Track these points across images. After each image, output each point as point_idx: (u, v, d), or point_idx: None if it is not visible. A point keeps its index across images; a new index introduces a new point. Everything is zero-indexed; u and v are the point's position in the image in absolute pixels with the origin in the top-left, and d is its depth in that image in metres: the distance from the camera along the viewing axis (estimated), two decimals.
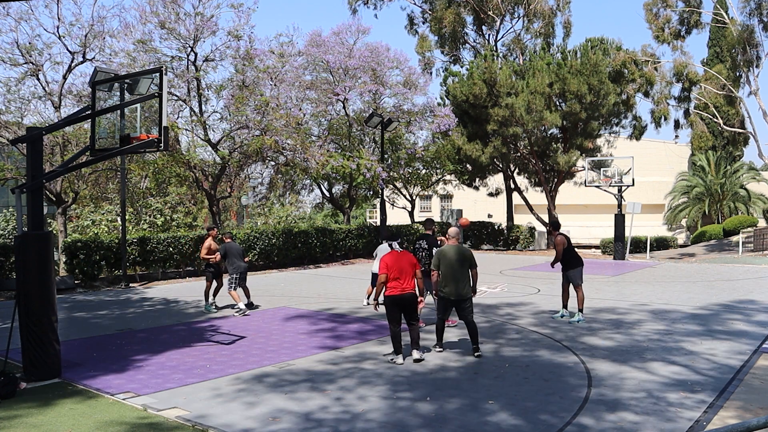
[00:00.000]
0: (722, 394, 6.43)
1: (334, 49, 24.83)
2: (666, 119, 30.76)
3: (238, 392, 6.66)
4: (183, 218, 27.99)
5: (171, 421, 5.75)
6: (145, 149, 8.13)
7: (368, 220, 46.59)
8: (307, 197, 36.36)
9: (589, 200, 39.68)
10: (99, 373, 7.44)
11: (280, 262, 21.37)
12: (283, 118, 20.06)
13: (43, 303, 7.22)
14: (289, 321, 10.99)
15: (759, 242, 28.73)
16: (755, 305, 12.30)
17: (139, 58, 18.82)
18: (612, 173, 25.90)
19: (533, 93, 26.68)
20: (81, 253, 16.38)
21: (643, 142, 34.85)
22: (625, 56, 28.50)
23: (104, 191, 24.86)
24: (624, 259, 24.37)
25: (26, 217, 7.49)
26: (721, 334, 9.46)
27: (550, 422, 5.65)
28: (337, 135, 25.86)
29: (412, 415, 5.89)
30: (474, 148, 28.14)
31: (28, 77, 17.40)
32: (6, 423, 5.68)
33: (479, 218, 37.88)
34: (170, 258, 18.14)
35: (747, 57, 27.72)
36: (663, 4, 30.41)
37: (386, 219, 24.82)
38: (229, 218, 36.47)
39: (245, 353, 8.46)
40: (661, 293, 14.15)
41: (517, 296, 13.79)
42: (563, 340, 9.13)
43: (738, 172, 39.52)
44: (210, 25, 19.38)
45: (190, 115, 20.75)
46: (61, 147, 17.78)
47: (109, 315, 11.97)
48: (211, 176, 22.02)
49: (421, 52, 33.66)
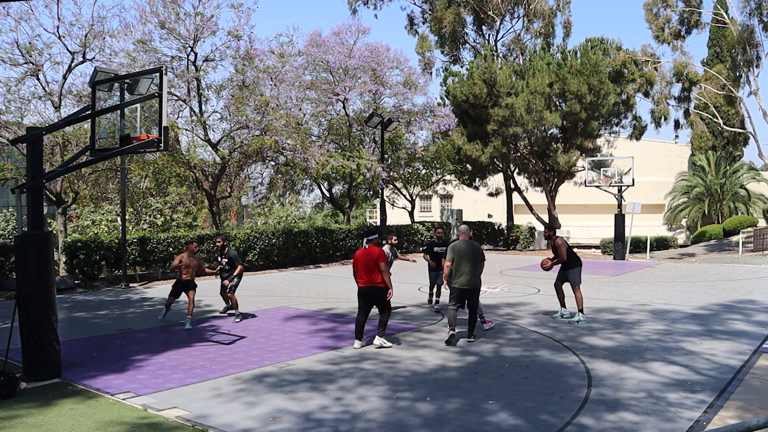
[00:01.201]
0: (722, 394, 6.43)
1: (334, 49, 24.83)
2: (666, 119, 30.76)
3: (238, 392, 6.66)
4: (183, 218, 28.00)
5: (171, 421, 5.75)
6: (145, 149, 8.12)
7: (368, 220, 46.59)
8: (307, 197, 36.38)
9: (589, 200, 39.68)
10: (99, 373, 7.44)
11: (280, 262, 21.37)
12: (283, 118, 20.06)
13: (43, 303, 7.22)
14: (289, 321, 10.99)
15: (759, 242, 28.73)
16: (755, 305, 12.30)
17: (139, 58, 18.82)
18: (612, 173, 25.91)
19: (533, 93, 26.68)
20: (81, 253, 16.38)
21: (643, 142, 34.85)
22: (625, 56, 28.50)
23: (104, 191, 24.86)
24: (624, 259, 24.37)
25: (26, 217, 7.49)
26: (721, 334, 9.46)
27: (550, 422, 5.65)
28: (337, 135, 25.86)
29: (412, 415, 5.89)
30: (474, 148, 28.14)
31: (28, 77, 17.40)
32: (6, 423, 5.68)
33: (479, 218, 37.90)
34: (170, 258, 18.13)
35: (747, 57, 27.73)
36: (663, 4, 30.41)
37: (386, 219, 24.83)
38: (229, 218, 36.48)
39: (245, 353, 8.46)
40: (661, 293, 14.15)
41: (517, 296, 13.79)
42: (563, 340, 9.13)
43: (738, 172, 39.52)
44: (210, 25, 19.38)
45: (190, 115, 20.76)
46: (61, 147, 17.77)
47: (109, 315, 11.97)
48: (211, 176, 22.02)
49: (421, 52, 33.66)
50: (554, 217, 30.63)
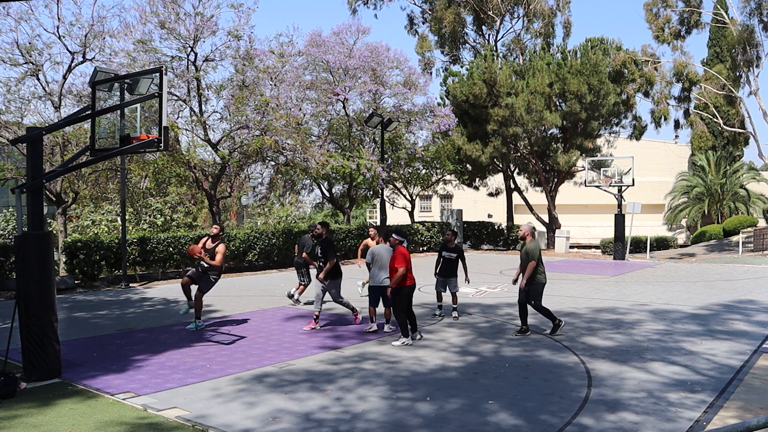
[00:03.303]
0: (722, 394, 6.43)
1: (334, 49, 24.83)
2: (666, 119, 30.75)
3: (238, 392, 6.66)
4: (183, 218, 28.00)
5: (171, 421, 5.75)
6: (145, 149, 8.12)
7: (368, 220, 46.58)
8: (307, 197, 36.39)
9: (589, 200, 39.68)
10: (99, 373, 7.44)
11: (280, 262, 21.36)
12: (283, 118, 20.05)
13: (43, 303, 7.22)
14: (289, 321, 10.99)
15: (759, 242, 28.73)
16: (755, 305, 12.30)
17: (139, 58, 18.82)
18: (612, 173, 25.90)
19: (533, 93, 26.68)
20: (81, 253, 16.38)
21: (643, 142, 34.85)
22: (625, 56, 28.50)
23: (104, 191, 24.85)
24: (624, 259, 24.37)
25: (26, 217, 7.49)
26: (721, 334, 9.46)
27: (550, 422, 5.65)
28: (337, 135, 25.86)
29: (412, 415, 5.89)
30: (474, 148, 28.13)
31: (28, 77, 17.40)
32: (6, 423, 5.68)
33: (479, 218, 37.89)
34: (170, 258, 18.14)
35: (747, 57, 27.73)
36: (663, 4, 30.42)
37: (386, 219, 24.82)
38: (229, 218, 36.48)
39: (245, 353, 8.46)
40: (661, 293, 14.15)
41: (517, 296, 13.76)
42: (563, 340, 9.13)
43: (738, 172, 39.51)
44: (210, 25, 19.38)
45: (190, 115, 20.75)
46: (61, 147, 17.77)
47: (109, 315, 11.97)
48: (211, 176, 22.02)
49: (421, 52, 33.65)
50: (554, 217, 30.63)
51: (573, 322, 10.60)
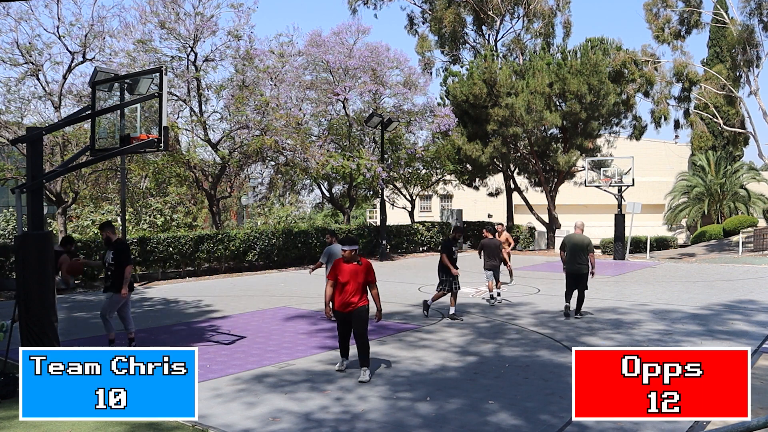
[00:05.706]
0: None
1: (334, 49, 24.83)
2: (666, 119, 30.76)
3: (238, 392, 6.66)
4: (183, 218, 28.01)
5: (171, 421, 5.75)
6: (145, 149, 8.12)
7: (368, 220, 46.59)
8: (307, 197, 36.38)
9: (589, 200, 39.65)
10: None
11: (280, 262, 21.36)
12: (283, 118, 20.05)
13: (43, 303, 7.21)
14: (289, 321, 10.99)
15: (759, 242, 28.73)
16: (755, 305, 12.30)
17: (139, 58, 18.82)
18: (612, 173, 25.90)
19: (533, 93, 26.68)
20: (81, 253, 16.36)
21: (643, 142, 34.84)
22: (625, 56, 28.50)
23: (104, 191, 24.87)
24: (624, 259, 24.37)
25: (26, 217, 7.49)
26: (721, 334, 9.46)
27: (550, 422, 5.65)
28: (337, 135, 25.86)
29: (412, 415, 5.89)
30: (474, 148, 28.14)
31: (28, 77, 17.40)
32: (6, 423, 5.67)
33: (479, 218, 37.89)
34: (170, 258, 18.14)
35: (747, 57, 27.74)
36: (663, 4, 30.42)
37: (386, 219, 24.82)
38: (229, 218, 36.48)
39: (245, 353, 8.46)
40: (661, 293, 14.15)
41: (517, 296, 13.78)
42: (563, 340, 9.13)
43: (738, 172, 39.50)
44: (210, 25, 19.38)
45: (190, 115, 20.76)
46: (61, 147, 17.77)
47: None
48: (211, 176, 22.02)
49: (421, 52, 33.65)
50: (554, 217, 30.64)
51: (573, 321, 10.59)
